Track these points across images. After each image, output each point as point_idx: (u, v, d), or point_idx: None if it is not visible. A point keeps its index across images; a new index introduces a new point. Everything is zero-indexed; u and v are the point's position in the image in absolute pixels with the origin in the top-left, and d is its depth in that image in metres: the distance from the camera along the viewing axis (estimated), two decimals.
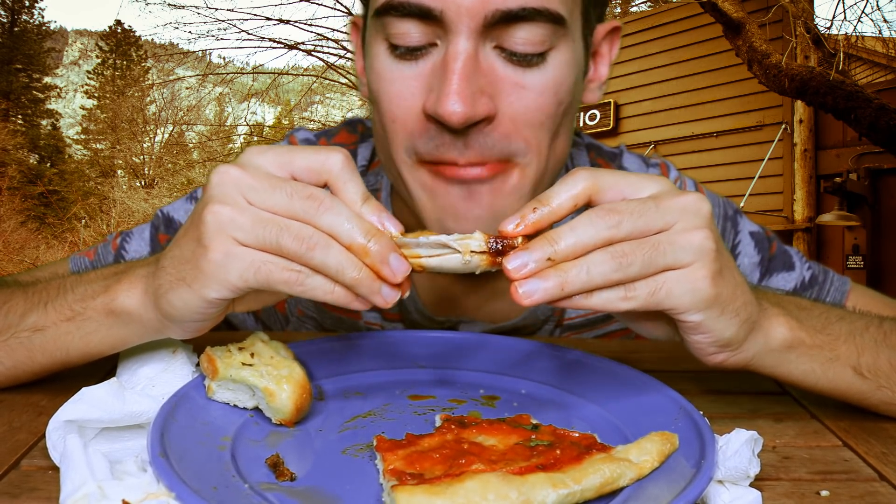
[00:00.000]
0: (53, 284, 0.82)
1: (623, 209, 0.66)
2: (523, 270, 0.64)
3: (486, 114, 0.86)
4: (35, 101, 31.46)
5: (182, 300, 0.70)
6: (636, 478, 0.61)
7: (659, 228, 0.66)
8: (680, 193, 0.69)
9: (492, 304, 1.14)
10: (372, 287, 0.67)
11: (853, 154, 8.20)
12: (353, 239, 0.66)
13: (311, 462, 0.67)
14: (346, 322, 1.19)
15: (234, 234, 0.66)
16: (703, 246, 0.67)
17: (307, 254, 0.65)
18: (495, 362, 0.90)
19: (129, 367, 0.81)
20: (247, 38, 15.14)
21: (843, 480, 0.68)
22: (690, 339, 0.72)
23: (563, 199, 0.68)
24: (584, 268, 0.64)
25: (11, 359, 0.81)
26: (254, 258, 0.66)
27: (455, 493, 0.54)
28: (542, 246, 0.65)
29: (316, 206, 0.66)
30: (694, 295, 0.66)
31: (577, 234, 0.65)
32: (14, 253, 18.98)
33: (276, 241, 0.65)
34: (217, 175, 0.69)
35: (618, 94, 10.28)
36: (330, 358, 0.88)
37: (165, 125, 28.85)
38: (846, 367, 0.78)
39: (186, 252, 0.69)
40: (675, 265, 0.66)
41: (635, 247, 0.65)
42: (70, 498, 0.54)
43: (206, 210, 0.67)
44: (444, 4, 0.84)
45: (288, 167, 0.70)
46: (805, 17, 7.03)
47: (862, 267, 8.18)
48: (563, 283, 0.64)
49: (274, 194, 0.67)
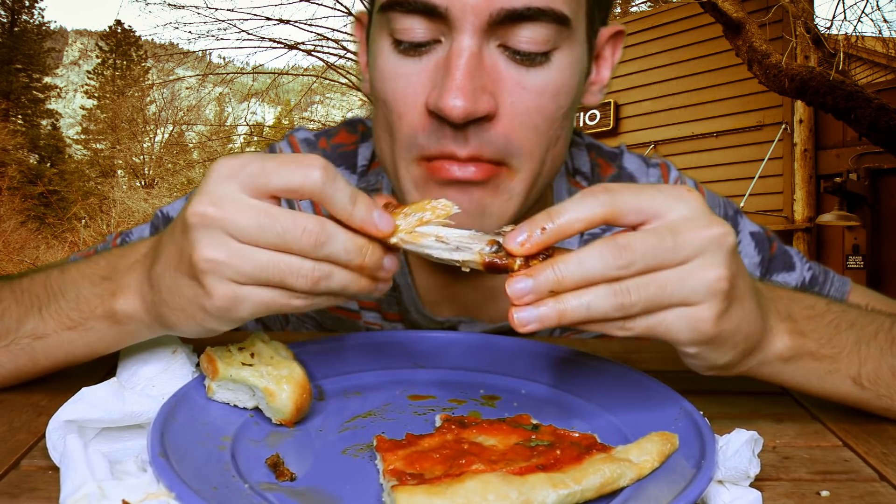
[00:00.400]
0: (38, 282, 0.81)
1: (638, 247, 0.63)
2: (524, 298, 0.63)
3: (487, 111, 0.86)
4: (35, 101, 31.46)
5: (191, 329, 0.72)
6: (636, 478, 0.61)
7: (674, 264, 0.64)
8: (707, 222, 0.65)
9: (492, 305, 1.14)
10: (370, 289, 0.70)
11: (853, 154, 8.20)
12: (351, 261, 0.67)
13: (311, 462, 0.67)
14: (347, 322, 1.19)
15: (234, 278, 0.66)
16: (715, 287, 0.64)
17: (314, 287, 0.66)
18: (495, 362, 0.90)
19: (129, 368, 0.81)
20: (247, 38, 15.14)
21: (843, 481, 0.67)
22: (683, 358, 0.72)
23: (576, 220, 0.65)
24: (584, 302, 0.63)
25: (14, 363, 0.82)
26: (261, 296, 0.67)
27: (455, 494, 0.54)
28: (546, 276, 0.63)
29: (312, 242, 0.65)
30: (693, 334, 0.66)
31: (584, 269, 0.63)
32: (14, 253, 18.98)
33: (281, 281, 0.66)
34: (194, 217, 0.65)
35: (618, 94, 10.28)
36: (330, 358, 0.88)
37: (165, 125, 28.86)
38: (846, 378, 0.77)
39: (185, 290, 0.68)
40: (681, 304, 0.64)
41: (641, 287, 0.63)
42: (70, 498, 0.54)
43: (197, 257, 0.65)
44: (450, 2, 0.84)
45: (264, 190, 0.66)
46: (805, 17, 7.03)
47: (862, 267, 8.18)
48: (560, 315, 0.63)
49: (265, 234, 0.65)
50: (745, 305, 0.68)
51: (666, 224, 0.65)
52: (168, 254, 0.70)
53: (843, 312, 0.80)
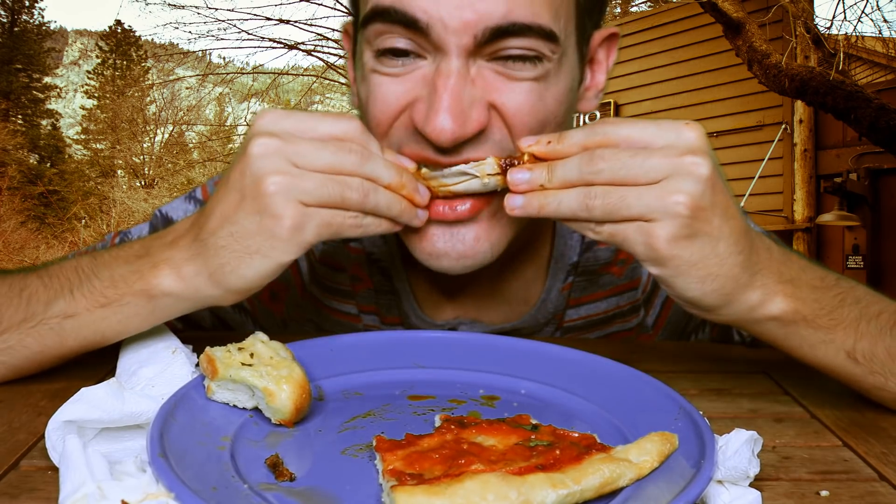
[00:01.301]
0: (68, 268, 0.84)
1: (608, 157, 0.72)
2: (520, 186, 0.77)
3: (476, 129, 0.85)
4: (35, 101, 31.45)
5: (255, 270, 0.76)
6: (636, 478, 0.61)
7: (643, 182, 0.71)
8: (684, 151, 0.72)
9: (491, 308, 1.14)
10: (411, 213, 0.82)
11: (853, 154, 8.20)
12: (392, 179, 0.79)
13: (310, 462, 0.67)
14: (346, 326, 1.19)
15: (300, 198, 0.74)
16: (672, 209, 0.70)
17: (365, 201, 0.77)
18: (495, 362, 0.90)
19: (128, 368, 0.81)
20: (247, 38, 15.14)
21: (843, 480, 0.67)
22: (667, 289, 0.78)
23: (574, 144, 0.76)
24: (557, 199, 0.75)
25: (40, 343, 0.83)
26: (323, 216, 0.75)
27: (454, 494, 0.54)
28: (540, 172, 0.76)
29: (358, 161, 0.76)
30: (646, 249, 0.73)
31: (565, 171, 0.75)
32: (14, 253, 18.98)
33: (341, 196, 0.75)
34: (257, 146, 0.74)
35: (618, 94, 10.28)
36: (330, 358, 0.88)
37: (165, 125, 28.84)
38: (839, 350, 0.80)
39: (250, 226, 0.74)
40: (639, 218, 0.72)
41: (605, 194, 0.72)
42: (69, 498, 0.54)
43: (265, 182, 0.73)
44: (431, 19, 0.82)
45: (311, 133, 0.76)
46: (805, 17, 7.03)
47: (862, 267, 8.18)
48: (539, 207, 0.76)
49: (320, 155, 0.75)
50: (717, 245, 0.73)
51: (654, 147, 0.73)
52: (223, 206, 0.76)
53: (852, 289, 0.83)
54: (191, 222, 0.81)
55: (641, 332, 1.22)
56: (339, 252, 1.17)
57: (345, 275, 1.18)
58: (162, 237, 0.83)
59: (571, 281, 1.15)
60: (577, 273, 1.15)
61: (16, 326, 0.82)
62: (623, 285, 1.18)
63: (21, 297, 0.83)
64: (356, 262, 1.17)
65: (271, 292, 1.19)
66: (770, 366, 1.01)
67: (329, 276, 1.19)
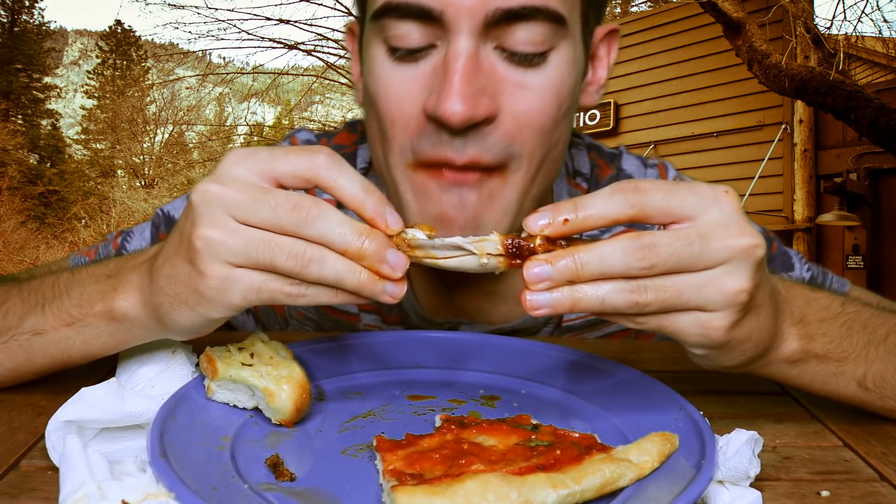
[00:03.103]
0: (48, 283, 0.82)
1: (663, 250, 0.61)
2: (541, 285, 0.63)
3: (487, 114, 0.85)
4: (35, 101, 31.46)
5: (186, 318, 0.71)
6: (636, 478, 0.61)
7: (697, 270, 0.63)
8: (738, 231, 0.63)
9: (491, 307, 1.14)
10: (375, 288, 0.67)
11: (853, 154, 8.20)
12: (348, 244, 0.65)
13: (310, 462, 0.67)
14: (346, 325, 1.19)
15: (227, 258, 0.65)
16: (734, 300, 0.63)
17: (303, 271, 0.65)
18: (495, 362, 0.90)
19: (128, 368, 0.81)
20: (247, 38, 15.13)
21: (843, 481, 0.67)
22: (689, 353, 0.72)
23: (601, 217, 0.63)
24: (600, 295, 0.62)
25: (11, 361, 0.82)
26: (252, 280, 0.66)
27: (455, 494, 0.54)
28: (566, 265, 0.62)
29: (304, 217, 0.64)
30: (703, 339, 0.65)
31: (604, 264, 0.61)
32: (14, 253, 18.98)
33: (271, 262, 0.65)
34: (198, 194, 0.66)
35: (618, 94, 10.28)
36: (330, 358, 0.88)
37: (165, 125, 28.85)
38: (850, 380, 0.78)
39: (181, 274, 0.68)
40: (696, 309, 0.64)
41: (659, 289, 0.62)
42: (69, 498, 0.54)
43: (195, 234, 0.66)
44: (444, 4, 0.83)
45: (270, 174, 0.67)
46: (805, 17, 7.03)
47: (862, 267, 8.18)
48: (574, 303, 0.63)
49: (258, 209, 0.64)
50: (760, 314, 0.68)
51: (696, 228, 0.63)
52: (171, 242, 0.71)
53: (857, 314, 0.80)
54: (158, 247, 0.77)
55: (640, 332, 1.22)
56: None
57: None
58: (134, 257, 0.80)
59: None
60: None
61: None
62: None
63: (0, 309, 0.82)
64: None
65: None
66: None
67: None
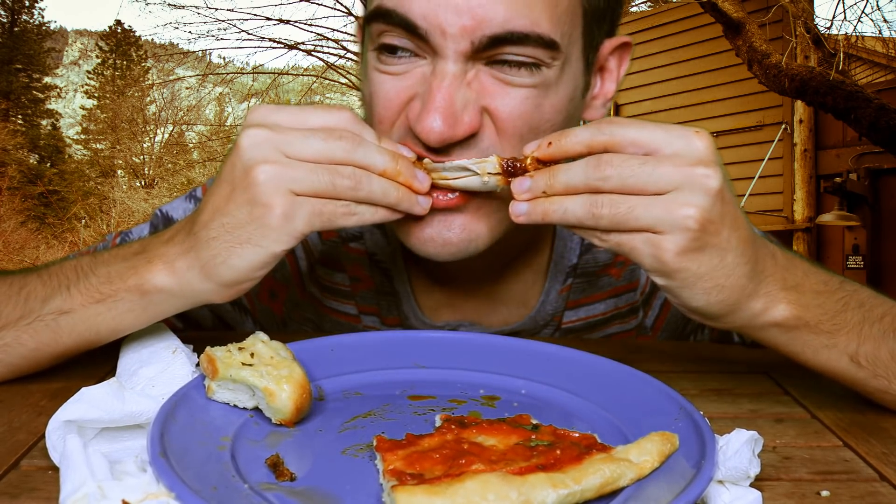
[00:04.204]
0: (69, 266, 0.84)
1: (616, 163, 0.70)
2: (523, 194, 0.76)
3: (467, 132, 0.85)
4: (35, 101, 31.42)
5: (246, 261, 0.76)
6: (636, 478, 0.61)
7: (652, 191, 0.70)
8: (695, 161, 0.70)
9: (491, 310, 1.14)
10: (410, 200, 0.80)
11: (853, 154, 8.19)
12: (387, 165, 0.78)
13: (310, 462, 0.67)
14: (346, 326, 1.19)
15: (290, 186, 0.73)
16: (681, 223, 0.69)
17: (357, 189, 0.76)
18: (495, 362, 0.90)
19: (128, 368, 0.81)
20: (247, 38, 15.14)
21: (843, 481, 0.67)
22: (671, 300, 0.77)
23: (578, 141, 0.74)
24: (562, 207, 0.73)
25: (35, 340, 0.83)
26: (313, 205, 0.75)
27: (455, 494, 0.54)
28: (543, 178, 0.74)
29: (349, 146, 0.75)
30: (654, 261, 0.72)
31: (569, 176, 0.73)
32: (14, 253, 18.98)
33: (332, 185, 0.74)
34: (247, 138, 0.75)
35: (617, 94, 10.21)
36: (330, 358, 0.88)
37: (165, 125, 28.81)
38: (843, 354, 0.79)
39: (241, 215, 0.74)
40: (648, 230, 0.71)
41: (613, 203, 0.71)
42: (70, 498, 0.54)
43: (255, 171, 0.73)
44: (429, 27, 0.82)
45: (303, 125, 0.76)
46: (805, 17, 7.03)
47: (862, 267, 8.17)
48: (544, 214, 0.74)
49: (310, 143, 0.74)
50: (725, 257, 0.72)
51: (657, 156, 0.71)
52: (215, 198, 0.77)
53: (855, 292, 0.82)
54: (187, 219, 0.82)
55: (640, 333, 1.22)
56: (339, 252, 1.17)
57: (344, 275, 1.18)
58: (160, 236, 0.83)
59: (570, 283, 1.15)
60: (576, 275, 1.15)
61: (13, 323, 0.83)
62: (622, 287, 1.18)
63: (20, 295, 0.83)
64: (356, 262, 1.17)
65: (270, 291, 1.19)
66: (771, 366, 1.01)
67: (328, 277, 1.19)
